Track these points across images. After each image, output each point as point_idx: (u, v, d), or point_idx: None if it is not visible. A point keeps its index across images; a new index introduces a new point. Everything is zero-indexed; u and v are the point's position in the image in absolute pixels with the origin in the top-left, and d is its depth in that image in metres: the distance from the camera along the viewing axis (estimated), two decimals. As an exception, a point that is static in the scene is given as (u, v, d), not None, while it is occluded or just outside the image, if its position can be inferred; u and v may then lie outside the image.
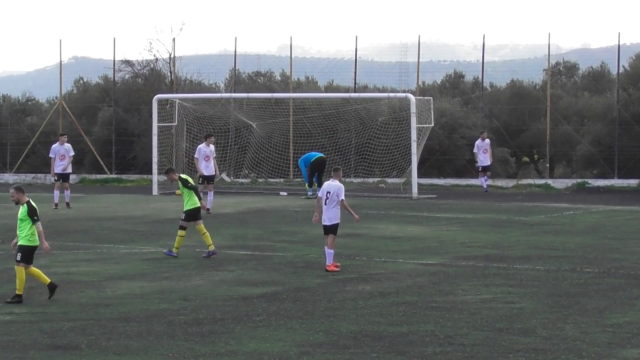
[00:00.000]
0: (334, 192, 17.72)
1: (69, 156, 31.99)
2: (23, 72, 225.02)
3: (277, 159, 43.04)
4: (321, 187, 18.27)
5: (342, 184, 17.97)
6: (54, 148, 32.03)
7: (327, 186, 17.94)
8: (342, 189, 17.83)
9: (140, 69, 48.61)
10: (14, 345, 11.31)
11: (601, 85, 45.10)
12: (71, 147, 32.35)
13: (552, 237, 22.57)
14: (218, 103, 42.53)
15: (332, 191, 17.73)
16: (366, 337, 11.80)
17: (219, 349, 11.18)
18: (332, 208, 17.74)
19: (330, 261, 17.58)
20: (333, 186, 17.83)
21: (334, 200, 17.70)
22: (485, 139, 38.50)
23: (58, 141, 32.29)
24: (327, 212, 17.77)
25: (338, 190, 17.75)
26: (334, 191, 17.72)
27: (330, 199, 17.72)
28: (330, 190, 17.76)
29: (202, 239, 19.80)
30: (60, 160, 31.82)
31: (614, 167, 41.73)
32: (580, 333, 12.00)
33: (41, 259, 18.98)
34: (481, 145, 38.32)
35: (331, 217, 17.79)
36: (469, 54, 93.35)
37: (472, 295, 14.75)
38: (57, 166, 31.64)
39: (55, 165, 31.63)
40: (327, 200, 17.76)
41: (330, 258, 17.60)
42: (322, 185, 18.27)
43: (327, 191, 17.81)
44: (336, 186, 17.81)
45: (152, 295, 14.78)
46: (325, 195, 17.83)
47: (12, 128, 48.75)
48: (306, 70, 52.19)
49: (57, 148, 31.94)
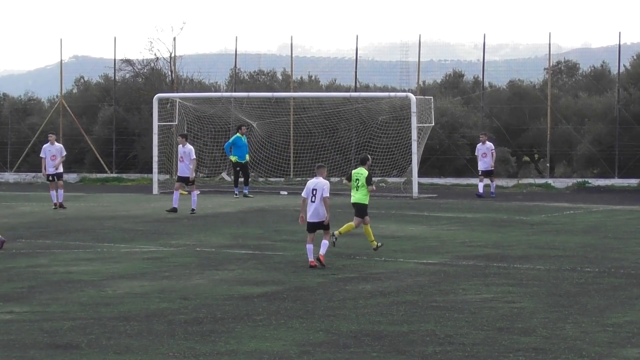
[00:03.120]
0: (319, 189, 17.88)
1: (61, 156, 31.26)
2: (24, 71, 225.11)
3: (278, 159, 43.05)
4: (305, 187, 18.29)
5: (327, 181, 18.16)
6: (44, 148, 31.38)
7: (312, 184, 18.05)
8: (327, 185, 18.02)
9: (140, 68, 48.64)
10: (14, 344, 11.31)
11: (602, 85, 45.11)
12: (63, 147, 31.70)
13: (552, 237, 22.57)
14: (218, 102, 42.54)
15: (317, 188, 17.89)
16: (366, 336, 11.80)
17: (219, 348, 11.19)
18: (315, 205, 17.91)
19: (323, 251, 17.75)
20: (317, 183, 17.98)
21: (320, 197, 17.89)
22: (486, 142, 36.90)
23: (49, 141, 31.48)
24: (310, 209, 17.93)
25: (322, 187, 17.91)
26: (319, 188, 17.89)
27: (317, 196, 17.89)
28: (316, 188, 17.91)
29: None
30: (52, 160, 31.11)
31: (614, 167, 41.74)
32: (580, 332, 12.00)
33: (41, 258, 19.01)
34: (480, 148, 36.91)
35: (314, 213, 17.95)
36: (470, 53, 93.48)
37: (472, 295, 14.75)
38: (49, 166, 31.00)
39: (47, 166, 31.02)
40: (313, 198, 17.90)
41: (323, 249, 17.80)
42: (306, 184, 18.29)
43: (313, 189, 17.96)
44: (321, 183, 17.97)
45: (153, 294, 14.78)
46: (311, 193, 17.97)
47: (12, 127, 48.77)
48: (307, 69, 52.21)
49: (47, 148, 31.26)
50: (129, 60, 48.79)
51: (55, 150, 31.23)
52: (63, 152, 31.33)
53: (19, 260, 18.71)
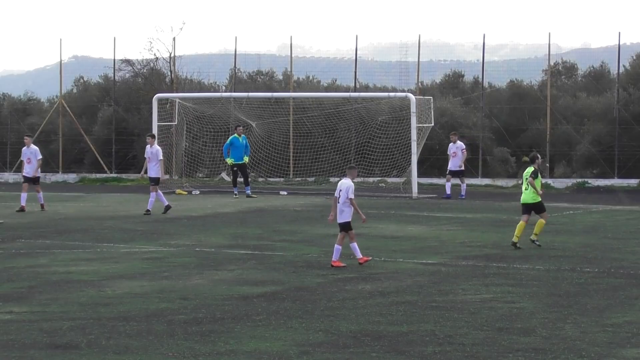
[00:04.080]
0: (344, 189, 18.03)
1: (36, 159, 29.79)
2: (23, 71, 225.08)
3: (277, 159, 43.05)
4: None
5: (352, 183, 18.25)
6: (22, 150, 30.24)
7: (340, 184, 18.23)
8: (351, 187, 18.09)
9: (140, 68, 48.66)
10: (13, 344, 11.31)
11: (601, 85, 45.12)
12: (38, 150, 30.03)
13: (552, 237, 22.57)
14: (218, 102, 42.55)
15: (343, 189, 18.05)
16: (366, 336, 11.80)
17: (218, 348, 11.18)
18: (343, 206, 18.03)
19: (335, 257, 17.83)
20: (343, 184, 18.14)
21: (344, 197, 17.96)
22: (457, 142, 35.84)
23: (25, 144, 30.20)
24: (341, 210, 18.10)
25: (347, 188, 18.01)
26: (344, 189, 18.04)
27: (342, 197, 18.03)
28: (342, 188, 18.08)
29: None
30: (27, 164, 29.94)
31: (614, 167, 41.74)
32: (580, 333, 12.01)
33: (41, 258, 19.00)
34: (451, 147, 35.98)
35: (339, 214, 18.10)
36: (469, 53, 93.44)
37: (471, 295, 14.75)
38: (25, 169, 29.90)
39: (24, 168, 29.98)
40: (339, 199, 18.07)
41: (337, 254, 17.85)
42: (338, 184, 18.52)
43: (339, 189, 18.09)
44: (346, 184, 18.09)
45: (152, 294, 14.78)
46: (338, 194, 18.13)
47: (12, 127, 48.77)
48: (306, 69, 52.24)
49: (24, 150, 30.09)
50: (129, 60, 48.81)
51: (30, 153, 29.93)
52: (38, 155, 29.90)
53: (18, 260, 18.71)
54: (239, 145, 35.76)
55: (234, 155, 35.69)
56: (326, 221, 26.76)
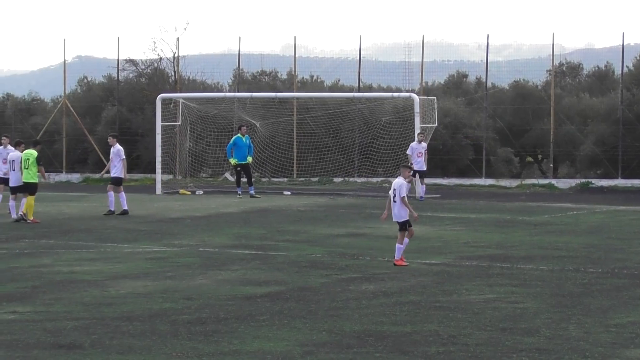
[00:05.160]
0: (397, 188, 18.14)
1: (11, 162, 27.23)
2: (27, 71, 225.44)
3: (281, 159, 43.06)
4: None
5: (403, 181, 18.31)
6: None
7: (394, 184, 18.38)
8: (403, 185, 18.20)
9: (144, 68, 48.70)
10: (17, 344, 11.31)
11: (605, 85, 45.10)
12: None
13: (555, 237, 22.55)
14: (222, 102, 42.58)
15: (396, 188, 18.16)
16: (369, 336, 11.79)
17: (222, 348, 11.18)
18: (397, 205, 18.13)
19: (397, 256, 17.96)
20: (397, 183, 18.25)
21: (399, 196, 18.09)
22: (422, 142, 35.06)
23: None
24: (394, 209, 18.21)
25: (399, 187, 18.12)
26: (397, 188, 18.14)
27: (397, 196, 18.14)
28: (395, 187, 18.19)
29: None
30: (3, 165, 27.91)
31: (617, 167, 41.71)
32: (583, 333, 11.99)
33: (44, 258, 19.01)
34: (415, 147, 35.04)
35: (396, 213, 18.22)
36: (473, 53, 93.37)
37: (475, 295, 14.74)
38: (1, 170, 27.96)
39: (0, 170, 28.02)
40: (394, 197, 18.16)
41: (399, 253, 17.99)
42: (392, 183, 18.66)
43: (393, 188, 18.24)
44: (399, 183, 18.20)
45: (156, 294, 14.78)
46: (392, 193, 18.25)
47: (16, 127, 48.81)
48: (310, 69, 52.27)
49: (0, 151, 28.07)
50: (133, 60, 48.86)
51: (7, 154, 27.81)
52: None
53: (22, 260, 18.72)
54: (242, 145, 35.73)
55: (238, 156, 35.67)
56: (330, 221, 26.78)
